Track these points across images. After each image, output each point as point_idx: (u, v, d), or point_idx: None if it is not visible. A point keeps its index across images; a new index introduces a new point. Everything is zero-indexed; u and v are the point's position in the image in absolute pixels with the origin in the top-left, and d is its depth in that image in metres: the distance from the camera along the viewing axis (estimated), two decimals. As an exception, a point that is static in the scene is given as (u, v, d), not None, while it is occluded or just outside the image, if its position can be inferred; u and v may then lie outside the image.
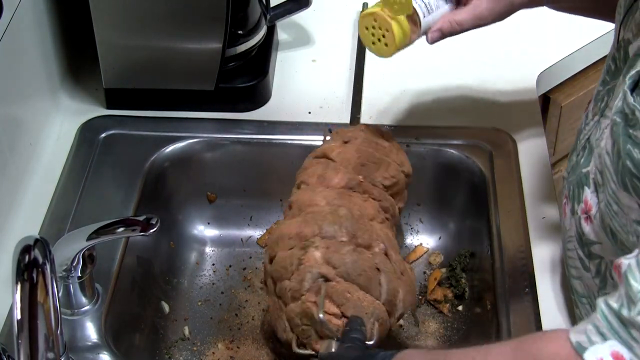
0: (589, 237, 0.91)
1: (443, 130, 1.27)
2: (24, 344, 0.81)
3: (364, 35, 1.02)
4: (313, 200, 1.02)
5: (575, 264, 0.96)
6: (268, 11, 1.33)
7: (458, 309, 1.20)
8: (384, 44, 1.01)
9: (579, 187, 0.93)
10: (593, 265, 0.92)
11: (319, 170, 1.06)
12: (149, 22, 1.21)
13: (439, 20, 1.01)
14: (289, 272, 0.96)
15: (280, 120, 1.29)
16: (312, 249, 0.96)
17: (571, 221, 0.96)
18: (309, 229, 0.98)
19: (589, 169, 0.91)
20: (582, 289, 0.97)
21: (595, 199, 0.89)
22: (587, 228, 0.91)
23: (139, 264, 1.17)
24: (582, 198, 0.92)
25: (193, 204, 1.29)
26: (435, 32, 1.01)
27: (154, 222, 0.96)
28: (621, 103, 0.80)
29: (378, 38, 1.01)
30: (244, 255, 1.28)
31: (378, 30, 1.00)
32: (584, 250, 0.93)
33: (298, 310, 0.95)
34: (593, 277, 0.93)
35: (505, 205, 1.17)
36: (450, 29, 1.01)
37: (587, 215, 0.90)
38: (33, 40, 1.21)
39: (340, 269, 0.95)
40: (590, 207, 0.90)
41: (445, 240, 1.28)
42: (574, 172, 0.96)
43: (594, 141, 0.92)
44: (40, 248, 0.83)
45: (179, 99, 1.29)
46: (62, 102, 1.31)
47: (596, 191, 0.89)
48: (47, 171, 1.21)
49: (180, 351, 1.15)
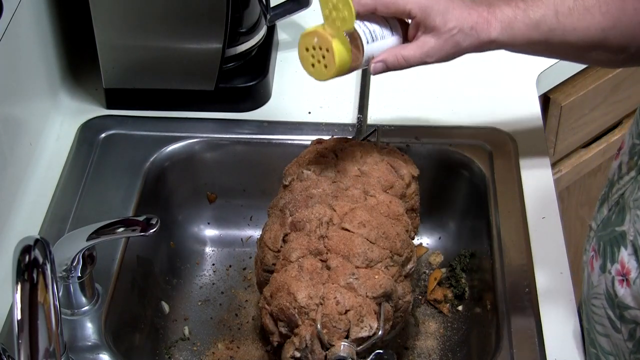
0: (624, 301, 0.87)
1: (443, 130, 1.27)
2: (24, 344, 0.80)
3: (304, 56, 0.97)
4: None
5: (603, 321, 0.92)
6: (268, 11, 1.33)
7: (458, 309, 1.20)
8: (323, 65, 0.96)
9: (612, 246, 0.89)
10: (625, 329, 0.89)
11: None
12: (149, 22, 1.21)
13: (385, 51, 0.98)
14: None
15: (280, 120, 1.29)
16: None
17: (600, 279, 0.91)
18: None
19: (624, 229, 0.87)
20: (609, 347, 0.93)
21: (635, 263, 0.85)
22: (622, 291, 0.87)
23: (139, 264, 1.17)
24: (617, 258, 0.88)
25: (193, 204, 1.29)
26: (378, 62, 0.98)
27: (154, 222, 0.96)
28: None
29: (318, 59, 0.96)
30: (244, 255, 1.28)
31: (318, 51, 0.95)
32: (614, 312, 0.89)
33: None
34: (625, 340, 0.89)
35: (505, 205, 1.17)
36: (395, 62, 0.98)
37: (624, 279, 0.86)
38: (33, 40, 1.21)
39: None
40: (629, 270, 0.86)
41: (445, 240, 1.28)
42: (606, 227, 0.91)
43: (630, 201, 0.87)
44: (41, 248, 0.83)
45: (179, 99, 1.29)
46: (62, 102, 1.31)
47: (635, 255, 0.85)
48: (47, 171, 1.21)
49: (180, 351, 1.16)
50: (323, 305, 0.93)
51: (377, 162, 1.07)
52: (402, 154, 1.12)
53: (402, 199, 1.06)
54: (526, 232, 1.13)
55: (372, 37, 0.97)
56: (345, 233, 0.98)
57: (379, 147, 1.11)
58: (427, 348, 1.15)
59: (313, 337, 0.92)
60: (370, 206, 1.01)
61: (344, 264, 0.95)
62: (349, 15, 0.93)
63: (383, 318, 0.94)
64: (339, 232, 0.98)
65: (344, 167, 1.06)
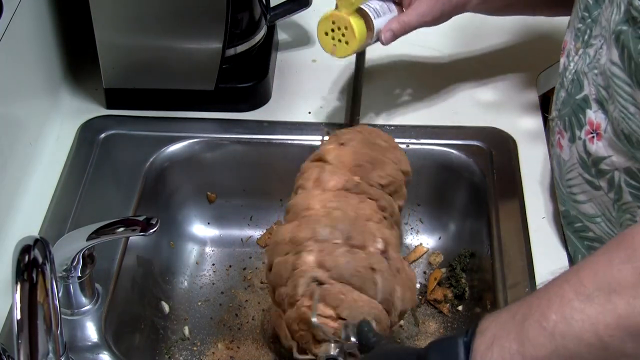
0: (598, 154, 0.97)
1: (443, 130, 1.27)
2: (24, 344, 0.80)
3: (324, 41, 1.11)
4: (308, 205, 1.02)
5: (583, 188, 1.02)
6: (268, 11, 1.33)
7: (458, 309, 1.20)
8: (344, 43, 1.10)
9: (577, 114, 1.01)
10: (604, 182, 0.99)
11: (315, 174, 1.06)
12: (149, 22, 1.21)
13: (389, 22, 1.12)
14: (284, 279, 0.96)
15: (280, 120, 1.29)
16: (304, 253, 0.96)
17: (572, 150, 1.02)
18: (303, 233, 0.98)
19: (585, 93, 0.99)
20: (594, 210, 1.03)
21: (603, 114, 0.96)
22: (594, 147, 0.97)
23: (139, 264, 1.17)
24: (584, 122, 0.99)
25: (193, 204, 1.29)
26: (387, 32, 1.11)
27: (154, 222, 0.96)
28: (622, 15, 0.89)
29: (338, 39, 1.10)
30: (244, 255, 1.28)
31: (337, 32, 1.09)
32: (590, 171, 1.00)
33: (294, 316, 0.94)
34: (607, 193, 0.99)
35: (505, 205, 1.17)
36: (400, 28, 1.12)
37: (595, 134, 0.97)
38: (33, 40, 1.21)
39: (333, 271, 0.94)
40: (599, 124, 0.97)
41: (445, 240, 1.28)
42: (567, 105, 1.03)
43: (584, 67, 1.00)
44: (40, 248, 0.83)
45: (179, 99, 1.29)
46: (62, 102, 1.31)
47: (601, 108, 0.96)
48: (47, 171, 1.21)
49: (180, 351, 1.16)
50: (292, 335, 0.96)
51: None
52: None
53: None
54: (526, 232, 1.13)
55: (377, 14, 1.11)
56: (272, 266, 1.01)
57: None
58: (427, 348, 1.15)
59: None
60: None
61: (279, 293, 0.98)
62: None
63: (315, 303, 0.93)
64: None
65: None
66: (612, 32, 0.91)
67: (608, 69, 0.93)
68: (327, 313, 0.93)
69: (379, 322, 0.94)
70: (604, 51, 0.95)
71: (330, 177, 1.05)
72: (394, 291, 0.97)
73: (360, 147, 1.09)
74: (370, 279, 0.95)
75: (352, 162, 1.06)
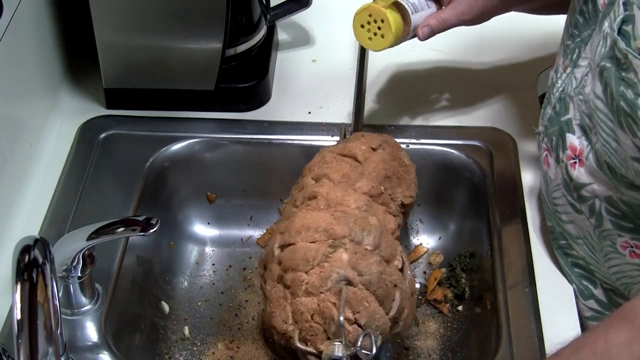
0: (579, 180, 0.97)
1: (443, 130, 1.27)
2: (24, 344, 0.80)
3: (360, 33, 1.08)
4: (345, 200, 1.01)
5: (566, 209, 1.02)
6: (268, 11, 1.33)
7: (458, 309, 1.20)
8: (380, 36, 1.07)
9: (561, 136, 1.00)
10: (585, 207, 0.98)
11: (345, 169, 1.06)
12: (149, 22, 1.21)
13: (427, 18, 1.09)
14: (309, 266, 0.96)
15: (280, 120, 1.29)
16: (341, 250, 0.96)
17: (557, 170, 1.02)
18: (340, 228, 0.97)
19: (569, 117, 0.98)
20: (576, 231, 1.03)
21: (586, 142, 0.95)
22: (575, 172, 0.97)
23: (139, 264, 1.17)
24: (566, 145, 0.98)
25: (193, 204, 1.29)
26: (425, 27, 1.09)
27: (154, 222, 0.96)
28: (608, 49, 0.87)
29: (374, 32, 1.07)
30: (244, 255, 1.28)
31: (373, 24, 1.07)
32: (572, 195, 0.99)
33: (313, 307, 0.94)
34: (588, 218, 0.99)
35: (505, 205, 1.17)
36: (438, 24, 1.09)
37: (576, 160, 0.97)
38: (33, 40, 1.21)
39: (365, 278, 0.95)
40: (582, 151, 0.96)
41: (445, 240, 1.28)
42: (553, 124, 1.02)
43: (571, 91, 0.98)
44: (40, 248, 0.83)
45: (179, 99, 1.29)
46: (62, 102, 1.31)
47: (585, 135, 0.96)
48: (47, 171, 1.21)
49: (180, 351, 1.16)
50: (296, 322, 0.95)
51: None
52: None
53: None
54: (526, 232, 1.13)
55: (415, 9, 1.09)
56: (291, 246, 0.99)
57: None
58: (427, 348, 1.15)
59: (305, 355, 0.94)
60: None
61: (295, 276, 0.97)
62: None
63: (343, 302, 0.93)
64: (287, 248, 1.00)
65: None
66: (596, 64, 0.90)
67: (592, 100, 0.91)
68: (347, 316, 0.93)
69: (382, 338, 0.95)
70: (589, 79, 0.93)
71: (359, 178, 1.05)
72: (403, 312, 0.97)
73: (390, 158, 1.09)
74: (391, 295, 0.96)
75: (383, 172, 1.06)
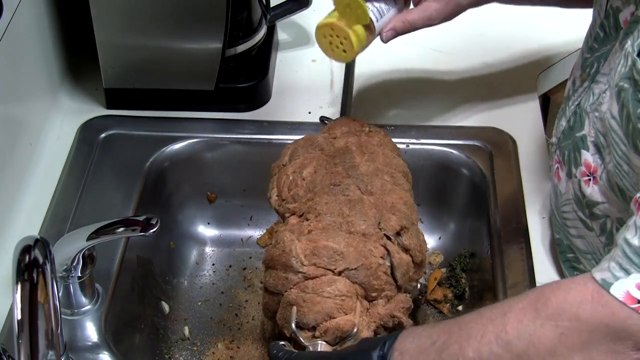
0: (592, 198, 0.94)
1: (443, 130, 1.27)
2: (24, 344, 0.80)
3: (322, 42, 1.08)
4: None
5: (575, 224, 1.00)
6: (268, 11, 1.33)
7: (458, 309, 1.20)
8: (342, 51, 1.07)
9: (575, 152, 0.97)
10: (596, 225, 0.96)
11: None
12: (149, 22, 1.21)
13: (392, 20, 1.07)
14: None
15: (280, 120, 1.29)
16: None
17: (568, 185, 0.99)
18: None
19: (584, 133, 0.95)
20: (585, 247, 1.00)
21: (599, 160, 0.93)
22: (589, 190, 0.94)
23: (139, 264, 1.17)
24: (580, 161, 0.95)
25: (193, 204, 1.29)
26: (389, 31, 1.07)
27: (154, 222, 0.96)
28: (627, 69, 0.83)
29: (336, 45, 1.07)
30: (244, 255, 1.28)
31: (336, 38, 1.06)
32: (584, 211, 0.97)
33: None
34: (598, 236, 0.96)
35: (505, 205, 1.17)
36: (403, 27, 1.07)
37: (590, 177, 0.94)
38: (33, 40, 1.21)
39: None
40: (596, 169, 0.93)
41: (445, 240, 1.28)
42: (567, 137, 0.99)
43: (587, 106, 0.96)
44: (41, 248, 0.83)
45: (179, 99, 1.29)
46: (62, 102, 1.31)
47: (598, 153, 0.93)
48: (47, 171, 1.21)
49: (180, 351, 1.16)
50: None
51: None
52: None
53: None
54: (526, 232, 1.13)
55: (380, 14, 1.06)
56: None
57: None
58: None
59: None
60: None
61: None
62: (362, 13, 1.03)
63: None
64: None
65: None
66: (615, 83, 0.86)
67: (607, 119, 0.88)
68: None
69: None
70: (607, 97, 0.90)
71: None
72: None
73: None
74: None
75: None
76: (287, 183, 1.06)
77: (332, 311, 0.94)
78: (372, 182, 1.03)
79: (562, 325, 0.74)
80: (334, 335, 0.94)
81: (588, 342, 0.73)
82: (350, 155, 1.06)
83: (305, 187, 1.04)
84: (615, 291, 0.72)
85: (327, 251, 0.95)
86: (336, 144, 1.09)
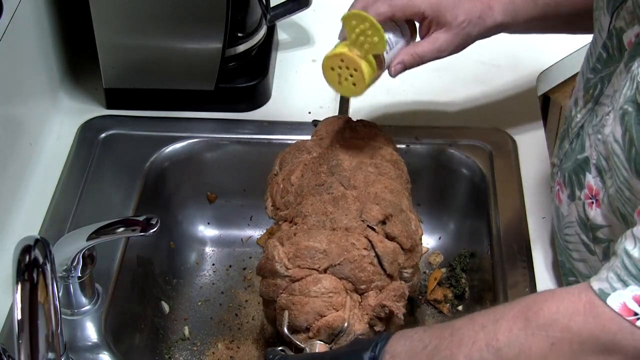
0: (595, 222, 0.92)
1: (443, 130, 1.27)
2: (24, 344, 0.80)
3: (329, 75, 1.01)
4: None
5: (578, 247, 0.98)
6: (268, 11, 1.33)
7: (458, 309, 1.20)
8: (351, 84, 0.99)
9: (577, 174, 0.95)
10: (599, 249, 0.94)
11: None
12: (149, 22, 1.21)
13: (400, 53, 1.02)
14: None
15: (280, 120, 1.29)
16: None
17: (571, 207, 0.97)
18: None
19: (586, 155, 0.93)
20: (587, 271, 0.98)
21: (601, 183, 0.91)
22: (593, 213, 0.92)
23: (139, 264, 1.17)
24: (583, 184, 0.93)
25: (193, 204, 1.29)
26: (398, 65, 1.02)
27: (154, 222, 0.96)
28: (632, 92, 0.82)
29: (345, 77, 0.99)
30: (244, 255, 1.28)
31: (345, 70, 0.99)
32: (588, 235, 0.95)
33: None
34: (600, 260, 0.94)
35: (505, 205, 1.17)
36: (412, 61, 1.02)
37: (593, 200, 0.92)
38: (33, 40, 1.21)
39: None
40: (598, 192, 0.91)
41: (445, 240, 1.28)
42: (569, 158, 0.97)
43: (589, 128, 0.94)
44: (41, 248, 0.83)
45: (179, 99, 1.29)
46: (62, 102, 1.31)
47: (600, 176, 0.91)
48: (47, 171, 1.21)
49: (180, 351, 1.16)
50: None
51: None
52: None
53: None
54: (526, 232, 1.13)
55: (390, 46, 1.00)
56: None
57: None
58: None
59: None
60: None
61: None
62: (379, 40, 0.96)
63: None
64: None
65: None
66: (619, 106, 0.84)
67: (610, 142, 0.86)
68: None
69: None
70: (610, 120, 0.88)
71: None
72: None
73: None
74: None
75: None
76: (279, 191, 1.06)
77: (321, 309, 0.94)
78: (354, 176, 1.02)
79: (553, 336, 0.74)
80: (326, 333, 0.94)
81: (578, 353, 0.74)
82: (334, 153, 1.06)
83: (294, 192, 1.04)
84: (612, 302, 0.73)
85: (308, 251, 0.95)
86: (322, 144, 1.09)
